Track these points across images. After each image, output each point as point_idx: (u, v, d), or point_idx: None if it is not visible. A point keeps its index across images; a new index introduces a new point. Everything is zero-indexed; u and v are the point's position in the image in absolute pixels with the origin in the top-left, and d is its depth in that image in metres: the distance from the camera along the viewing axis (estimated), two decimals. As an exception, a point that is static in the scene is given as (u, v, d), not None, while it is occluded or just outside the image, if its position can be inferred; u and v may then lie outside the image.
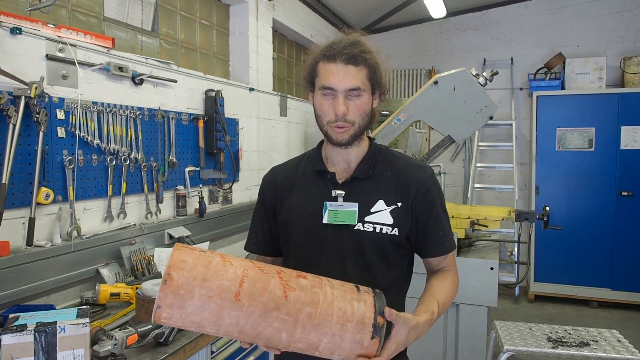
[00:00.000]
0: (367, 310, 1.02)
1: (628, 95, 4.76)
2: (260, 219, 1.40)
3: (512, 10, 5.65)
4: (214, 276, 0.97)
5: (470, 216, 2.94)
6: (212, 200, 3.28)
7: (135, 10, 2.94)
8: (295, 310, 0.98)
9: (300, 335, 0.98)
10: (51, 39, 2.09)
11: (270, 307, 0.97)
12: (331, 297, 1.02)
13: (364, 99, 1.22)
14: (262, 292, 0.98)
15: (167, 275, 0.94)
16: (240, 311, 0.96)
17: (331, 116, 1.22)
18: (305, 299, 1.00)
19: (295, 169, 1.39)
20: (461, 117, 2.78)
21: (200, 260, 0.98)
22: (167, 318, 0.96)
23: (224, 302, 0.95)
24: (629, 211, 4.77)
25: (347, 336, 0.99)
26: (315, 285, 1.04)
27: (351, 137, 1.24)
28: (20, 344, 1.29)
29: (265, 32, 4.05)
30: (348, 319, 1.00)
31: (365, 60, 1.20)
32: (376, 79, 1.24)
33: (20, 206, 1.96)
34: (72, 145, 2.18)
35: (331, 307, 1.00)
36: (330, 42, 1.24)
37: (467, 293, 2.82)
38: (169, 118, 2.82)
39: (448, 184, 5.98)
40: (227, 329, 0.97)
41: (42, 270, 1.99)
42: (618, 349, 2.44)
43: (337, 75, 1.19)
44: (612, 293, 4.82)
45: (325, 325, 0.99)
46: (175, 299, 0.94)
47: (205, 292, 0.95)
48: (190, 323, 0.96)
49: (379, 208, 1.26)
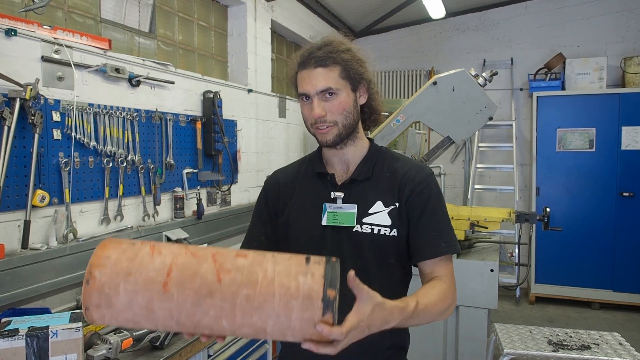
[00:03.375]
0: (315, 284, 0.90)
1: (629, 95, 4.74)
2: (264, 222, 1.38)
3: (511, 10, 5.64)
4: (139, 269, 0.92)
5: (470, 217, 2.92)
6: (210, 202, 3.27)
7: (132, 11, 2.93)
8: (230, 293, 0.89)
9: (242, 321, 0.90)
10: (47, 41, 2.07)
11: (203, 294, 0.89)
12: (272, 275, 0.91)
13: (341, 97, 1.22)
14: (192, 279, 0.90)
15: (88, 275, 0.90)
16: (171, 302, 0.89)
17: (311, 119, 1.23)
18: (242, 279, 0.90)
19: (297, 171, 1.39)
20: (460, 118, 2.76)
21: (126, 254, 0.93)
22: (100, 318, 0.91)
23: (152, 294, 0.90)
24: (630, 212, 4.74)
25: (294, 315, 0.89)
26: (255, 263, 0.93)
27: (336, 137, 1.24)
28: (12, 348, 1.27)
29: (263, 33, 4.04)
30: (292, 295, 0.89)
31: (335, 59, 1.21)
32: (352, 75, 1.23)
33: (15, 209, 1.95)
34: (68, 147, 2.17)
35: (272, 286, 0.90)
36: (303, 49, 1.27)
37: (467, 295, 2.80)
38: (167, 120, 2.80)
39: (448, 185, 5.97)
40: (163, 322, 0.92)
41: (37, 273, 1.97)
42: (620, 352, 2.42)
43: (308, 81, 1.21)
44: (613, 294, 4.79)
45: (267, 307, 0.89)
46: (101, 298, 0.90)
47: (131, 287, 0.90)
48: (124, 320, 0.92)
49: (377, 209, 1.25)
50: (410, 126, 2.94)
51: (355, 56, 1.24)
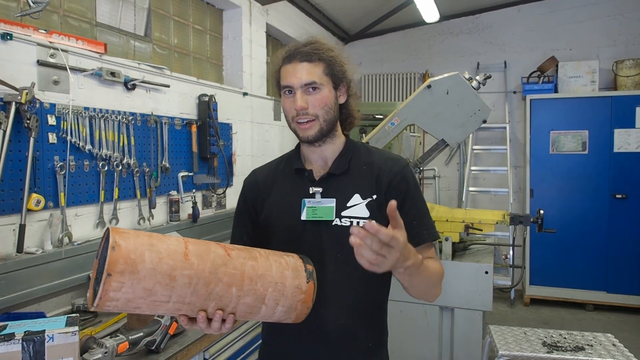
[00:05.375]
0: (297, 261, 1.15)
1: (621, 98, 4.79)
2: (244, 221, 1.40)
3: (504, 14, 5.68)
4: (159, 241, 0.99)
5: (465, 220, 2.94)
6: (205, 205, 3.27)
7: (127, 15, 2.93)
8: (240, 264, 1.05)
9: (249, 287, 1.05)
10: (42, 45, 2.08)
11: (218, 264, 1.02)
12: (265, 254, 1.13)
13: (324, 92, 1.25)
14: (207, 252, 1.03)
15: (114, 243, 0.92)
16: (192, 269, 0.98)
17: (293, 112, 1.26)
18: (246, 255, 1.09)
19: (275, 169, 1.41)
20: (455, 121, 2.78)
21: (141, 232, 1.00)
22: (117, 289, 0.91)
23: (176, 262, 0.97)
24: (623, 214, 4.78)
25: (287, 282, 1.10)
26: (248, 248, 1.14)
27: (317, 132, 1.26)
28: (7, 353, 1.27)
29: (258, 37, 4.05)
30: (284, 267, 1.11)
31: (320, 56, 1.25)
32: (335, 73, 1.27)
33: (10, 212, 1.94)
34: (64, 151, 2.17)
35: (268, 260, 1.11)
36: (289, 45, 1.30)
37: (462, 297, 2.82)
38: (162, 123, 2.80)
39: (443, 187, 5.99)
40: (180, 291, 0.97)
41: (32, 277, 1.96)
42: (613, 353, 2.44)
43: (293, 73, 1.24)
44: (607, 296, 4.82)
45: (268, 275, 1.08)
46: (127, 264, 0.91)
47: (156, 255, 0.95)
48: (142, 290, 0.93)
49: (355, 202, 1.27)
50: (404, 129, 2.96)
51: (338, 56, 1.29)
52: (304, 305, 1.12)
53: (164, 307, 0.98)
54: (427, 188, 6.00)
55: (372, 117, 4.07)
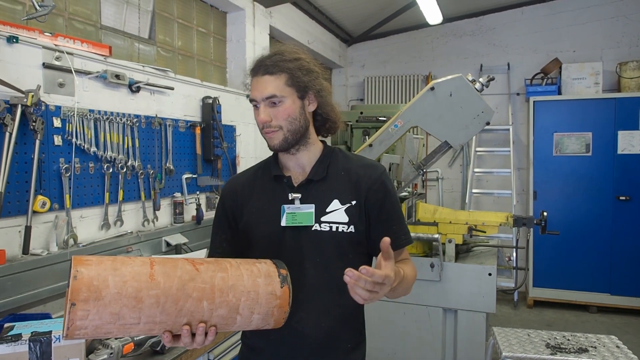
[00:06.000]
0: (269, 267, 1.14)
1: (624, 99, 4.78)
2: (223, 228, 1.41)
3: (508, 16, 5.68)
4: (123, 265, 0.99)
5: (468, 222, 2.94)
6: (209, 207, 3.28)
7: (132, 18, 2.95)
8: (209, 277, 1.05)
9: (221, 299, 1.04)
10: (48, 48, 2.09)
11: (186, 279, 1.02)
12: (236, 264, 1.12)
13: (286, 104, 1.26)
14: (174, 269, 1.02)
15: (75, 272, 0.93)
16: (158, 289, 0.98)
17: (259, 125, 1.30)
18: (215, 267, 1.08)
19: (253, 176, 1.42)
20: (458, 123, 2.78)
21: (104, 258, 1.00)
22: (83, 317, 0.92)
23: (140, 283, 0.97)
24: (627, 216, 4.77)
25: (260, 290, 1.09)
26: (218, 260, 1.14)
27: (282, 142, 1.28)
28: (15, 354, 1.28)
29: (262, 39, 4.06)
30: (256, 275, 1.10)
31: (281, 67, 1.25)
32: (298, 83, 1.27)
33: (16, 214, 1.96)
34: (69, 153, 2.18)
35: (239, 269, 1.10)
36: (256, 58, 1.32)
37: (465, 299, 2.82)
38: (166, 125, 2.82)
39: (446, 189, 5.99)
40: (148, 312, 0.97)
41: (38, 278, 1.98)
42: (617, 355, 2.44)
43: (256, 87, 1.27)
44: (611, 298, 4.81)
45: (239, 285, 1.07)
46: (90, 292, 0.92)
47: (119, 278, 0.96)
48: (109, 315, 0.94)
49: (334, 207, 1.29)
50: (408, 131, 2.97)
51: (302, 65, 1.28)
52: (281, 310, 1.12)
53: (135, 328, 0.98)
54: (430, 190, 6.00)
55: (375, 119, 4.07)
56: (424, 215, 3.07)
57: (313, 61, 1.33)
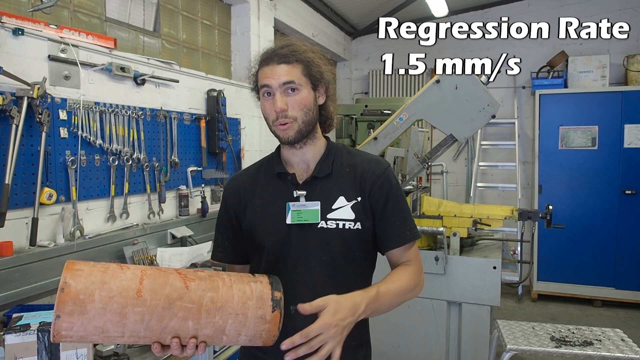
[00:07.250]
0: (264, 288, 1.10)
1: (631, 93, 4.74)
2: (225, 227, 1.40)
3: (514, 8, 5.63)
4: (112, 278, 0.99)
5: (473, 215, 2.94)
6: (214, 200, 3.29)
7: (137, 10, 2.95)
8: (197, 297, 1.03)
9: (206, 320, 1.03)
10: (53, 40, 2.09)
11: (173, 298, 1.01)
12: (229, 282, 1.09)
13: (303, 93, 1.24)
14: (163, 286, 1.01)
15: (63, 284, 0.94)
16: (144, 306, 0.98)
17: (273, 115, 1.25)
18: (206, 286, 1.06)
19: (256, 174, 1.40)
20: (463, 116, 2.77)
21: (96, 268, 1.00)
22: (68, 329, 0.94)
23: (126, 300, 0.97)
24: (633, 210, 4.74)
25: (249, 313, 1.06)
26: (213, 275, 1.10)
27: (297, 134, 1.25)
28: (23, 343, 1.29)
29: (266, 32, 4.05)
30: (248, 297, 1.07)
31: (297, 57, 1.24)
32: (313, 74, 1.26)
33: (23, 206, 1.97)
34: (75, 146, 2.19)
35: (231, 290, 1.07)
36: (266, 49, 1.30)
37: (470, 292, 2.82)
38: (171, 118, 2.82)
39: (450, 183, 5.98)
40: (132, 327, 0.98)
41: (45, 270, 1.99)
42: (622, 348, 2.43)
43: (271, 75, 1.23)
44: (615, 292, 4.80)
45: (228, 307, 1.05)
46: (75, 305, 0.94)
47: (106, 293, 0.96)
48: (94, 329, 0.96)
49: (340, 204, 1.28)
50: (413, 124, 2.96)
51: (316, 57, 1.28)
52: (269, 333, 1.09)
53: (120, 340, 1.00)
54: (435, 183, 5.99)
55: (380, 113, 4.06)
56: (428, 208, 3.06)
57: (322, 56, 1.31)
